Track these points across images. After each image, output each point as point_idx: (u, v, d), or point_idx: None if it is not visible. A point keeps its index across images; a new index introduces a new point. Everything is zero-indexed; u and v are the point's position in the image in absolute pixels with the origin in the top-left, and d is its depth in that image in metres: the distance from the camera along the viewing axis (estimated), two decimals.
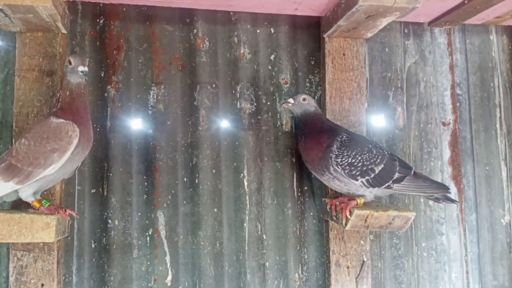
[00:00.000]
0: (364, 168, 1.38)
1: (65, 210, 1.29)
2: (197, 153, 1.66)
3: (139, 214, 1.61)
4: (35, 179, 1.20)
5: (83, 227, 1.56)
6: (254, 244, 1.66)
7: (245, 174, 1.68)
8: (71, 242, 1.53)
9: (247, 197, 1.67)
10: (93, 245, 1.56)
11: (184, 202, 1.64)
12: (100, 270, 1.56)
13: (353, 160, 1.38)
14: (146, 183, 1.62)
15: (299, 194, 1.71)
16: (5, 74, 1.56)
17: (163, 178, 1.63)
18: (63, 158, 1.21)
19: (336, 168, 1.38)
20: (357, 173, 1.38)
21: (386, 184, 1.41)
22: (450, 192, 1.55)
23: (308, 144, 1.44)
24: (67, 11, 1.50)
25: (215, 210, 1.65)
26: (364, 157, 1.39)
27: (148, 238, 1.60)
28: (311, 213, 1.71)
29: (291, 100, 1.49)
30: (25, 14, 1.32)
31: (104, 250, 1.56)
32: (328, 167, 1.39)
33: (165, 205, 1.62)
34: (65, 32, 1.49)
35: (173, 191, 1.63)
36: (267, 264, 1.66)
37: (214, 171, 1.67)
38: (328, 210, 1.51)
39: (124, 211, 1.59)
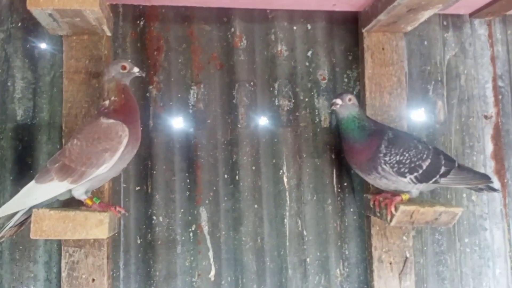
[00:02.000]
0: (412, 165, 1.37)
1: (115, 207, 1.33)
2: (236, 150, 1.68)
3: (182, 210, 1.64)
4: (88, 178, 1.25)
5: (129, 224, 1.60)
6: (295, 240, 1.67)
7: (285, 171, 1.69)
8: (118, 238, 1.58)
9: (287, 194, 1.68)
10: (138, 241, 1.61)
11: (225, 198, 1.66)
12: (146, 265, 1.60)
13: (401, 158, 1.36)
14: (188, 180, 1.66)
15: (339, 190, 1.71)
16: (52, 76, 1.62)
17: (205, 175, 1.66)
18: (114, 158, 1.25)
19: (384, 167, 1.37)
20: (406, 170, 1.36)
21: (434, 179, 1.40)
22: (492, 182, 1.53)
23: (356, 149, 1.41)
24: (111, 14, 1.54)
25: (256, 206, 1.67)
26: (412, 154, 1.38)
27: (191, 234, 1.64)
28: (351, 209, 1.70)
29: (338, 101, 1.41)
30: (72, 18, 1.36)
31: (149, 246, 1.61)
32: (376, 167, 1.38)
33: (207, 202, 1.65)
34: (110, 34, 1.53)
35: (214, 188, 1.66)
36: (308, 259, 1.67)
37: (253, 168, 1.68)
38: (372, 206, 1.51)
39: (167, 208, 1.63)
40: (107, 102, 1.32)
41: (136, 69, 1.36)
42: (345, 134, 1.45)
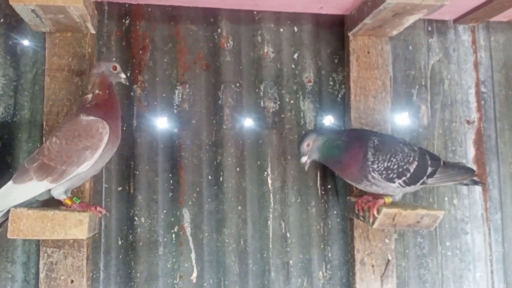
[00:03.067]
0: (400, 169, 1.37)
1: (96, 207, 1.31)
2: (221, 152, 1.67)
3: (165, 211, 1.62)
4: (69, 177, 1.22)
5: (110, 224, 1.58)
6: (278, 242, 1.66)
7: (269, 173, 1.69)
8: (98, 239, 1.55)
9: (271, 195, 1.68)
10: (119, 242, 1.58)
11: (209, 200, 1.65)
12: (127, 266, 1.58)
13: (389, 164, 1.36)
14: (171, 181, 1.64)
15: (323, 192, 1.71)
16: (34, 74, 1.59)
17: (188, 176, 1.65)
18: (95, 155, 1.23)
19: (374, 174, 1.36)
20: (394, 176, 1.37)
21: (421, 181, 1.41)
22: (476, 175, 1.57)
23: (344, 165, 1.40)
24: (95, 12, 1.52)
25: (240, 208, 1.66)
26: (399, 158, 1.37)
27: (173, 236, 1.62)
28: (335, 212, 1.71)
29: (303, 159, 1.42)
30: (56, 14, 1.34)
31: (131, 247, 1.59)
32: (366, 175, 1.37)
33: (190, 203, 1.64)
34: (94, 32, 1.51)
35: (198, 189, 1.65)
36: (291, 262, 1.66)
37: (238, 169, 1.68)
38: (356, 211, 1.51)
39: (150, 209, 1.61)
40: (89, 96, 1.30)
41: (123, 76, 1.37)
42: (327, 159, 1.44)
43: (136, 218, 1.60)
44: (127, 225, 1.60)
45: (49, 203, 1.35)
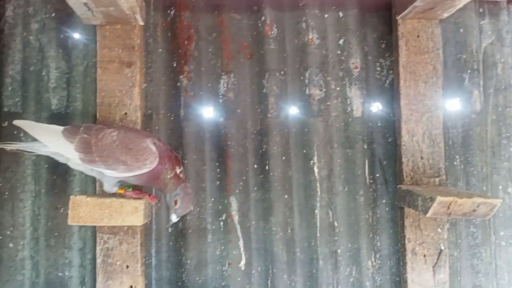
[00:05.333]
0: None
1: (150, 195, 1.34)
2: (266, 140, 1.67)
3: (213, 199, 1.64)
4: (93, 168, 1.26)
5: (161, 212, 1.61)
6: (326, 231, 1.65)
7: (315, 161, 1.67)
8: (150, 226, 1.59)
9: (318, 184, 1.66)
10: (169, 230, 1.62)
11: (255, 188, 1.66)
12: (177, 253, 1.61)
13: None
14: (218, 170, 1.66)
15: (371, 181, 1.68)
16: (85, 66, 1.63)
17: (235, 165, 1.66)
18: (122, 174, 1.25)
19: None
20: None
21: None
22: None
23: None
24: (143, 3, 1.54)
25: (286, 196, 1.66)
26: None
27: (221, 223, 1.64)
28: (384, 201, 1.67)
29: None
30: (107, 7, 1.37)
31: (181, 234, 1.62)
32: None
33: (237, 191, 1.65)
34: (142, 23, 1.53)
35: (244, 178, 1.66)
36: (339, 251, 1.65)
37: (283, 158, 1.67)
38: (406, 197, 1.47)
39: (198, 197, 1.63)
40: (173, 153, 1.32)
41: (174, 217, 1.29)
42: None
43: None
44: None
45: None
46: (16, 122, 1.35)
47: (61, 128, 1.30)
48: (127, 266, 1.43)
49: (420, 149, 1.59)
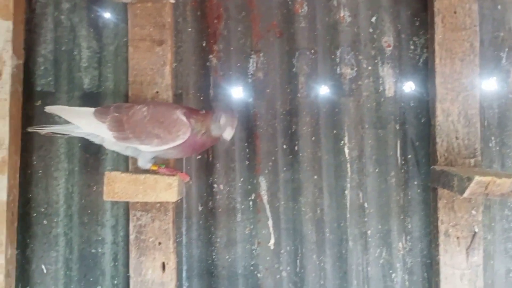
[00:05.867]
0: None
1: (183, 172, 1.34)
2: (296, 121, 1.65)
3: (242, 179, 1.64)
4: (127, 145, 1.28)
5: (191, 191, 1.62)
6: (356, 212, 1.64)
7: (346, 142, 1.65)
8: (180, 205, 1.61)
9: (348, 165, 1.64)
10: (200, 208, 1.63)
11: (284, 168, 1.65)
12: (207, 232, 1.62)
13: None
14: (247, 150, 1.65)
15: (403, 162, 1.65)
16: (116, 45, 1.64)
17: (264, 145, 1.65)
18: (157, 148, 1.26)
19: None
20: None
21: None
22: None
23: None
24: None
25: (315, 177, 1.64)
26: None
27: (251, 203, 1.64)
28: (415, 182, 1.64)
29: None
30: None
31: (210, 213, 1.63)
32: None
33: (266, 171, 1.64)
34: (173, 1, 1.52)
35: (273, 158, 1.65)
36: (369, 232, 1.63)
37: (313, 138, 1.65)
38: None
39: (228, 176, 1.64)
40: (203, 111, 1.32)
41: (229, 131, 1.28)
42: None
43: (215, 185, 1.63)
44: (207, 192, 1.63)
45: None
46: (48, 109, 1.36)
47: (92, 109, 1.32)
48: (160, 243, 1.45)
49: (455, 129, 1.55)
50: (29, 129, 1.39)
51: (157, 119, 1.25)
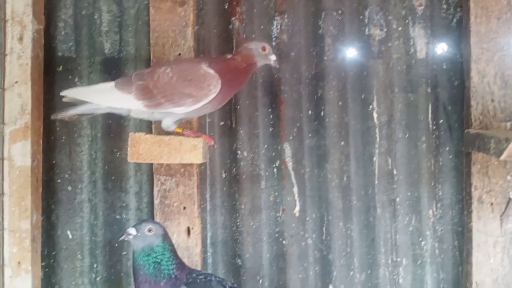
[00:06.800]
0: None
1: (207, 135, 1.31)
2: (322, 85, 1.60)
3: (266, 146, 1.60)
4: (162, 111, 1.23)
5: (214, 158, 1.59)
6: (384, 179, 1.59)
7: (374, 106, 1.59)
8: (204, 172, 1.58)
9: (377, 130, 1.59)
10: (223, 175, 1.60)
11: (310, 135, 1.60)
12: (231, 198, 1.60)
13: None
14: (271, 116, 1.61)
15: (434, 127, 1.58)
16: (136, 9, 1.60)
17: (288, 111, 1.60)
18: (193, 106, 1.21)
19: None
20: None
21: None
22: None
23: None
24: None
25: (342, 143, 1.59)
26: None
27: (275, 170, 1.60)
28: (447, 148, 1.58)
29: (132, 231, 1.11)
30: None
31: (234, 180, 1.60)
32: None
33: (291, 138, 1.60)
34: None
35: (298, 124, 1.60)
36: (397, 199, 1.58)
37: (340, 103, 1.60)
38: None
39: (251, 143, 1.60)
40: (228, 56, 1.28)
41: (273, 57, 1.26)
42: (135, 270, 1.14)
43: (238, 152, 1.60)
44: (230, 158, 1.60)
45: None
46: (65, 93, 1.28)
47: (111, 83, 1.26)
48: (184, 208, 1.43)
49: (491, 91, 1.47)
50: (53, 117, 1.34)
51: (184, 78, 1.21)
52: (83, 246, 1.56)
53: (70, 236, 1.56)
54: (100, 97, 1.24)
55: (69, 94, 1.27)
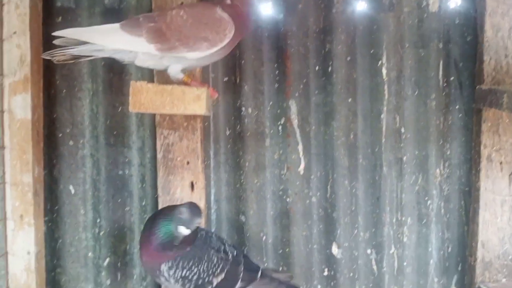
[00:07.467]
0: (200, 282, 1.18)
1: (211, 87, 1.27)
2: (330, 39, 1.54)
3: (271, 103, 1.57)
4: (175, 55, 1.17)
5: (218, 114, 1.56)
6: (392, 137, 1.55)
7: (384, 62, 1.54)
8: (208, 128, 1.55)
9: (386, 87, 1.54)
10: (227, 132, 1.57)
11: (316, 91, 1.56)
12: (235, 156, 1.57)
13: (188, 273, 1.16)
14: (277, 72, 1.56)
15: (445, 84, 1.54)
16: None
17: (295, 66, 1.55)
18: (208, 51, 1.16)
19: (170, 280, 1.17)
20: (192, 287, 1.18)
21: None
22: None
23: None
24: None
25: (349, 100, 1.55)
26: (202, 269, 1.17)
27: (280, 127, 1.57)
28: (457, 106, 1.54)
29: (186, 232, 1.12)
30: None
31: (239, 137, 1.57)
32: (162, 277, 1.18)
33: (297, 94, 1.56)
34: None
35: (305, 80, 1.56)
36: (404, 158, 1.56)
37: (348, 58, 1.55)
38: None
39: (256, 100, 1.56)
40: (228, 1, 1.22)
41: None
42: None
43: (243, 108, 1.56)
44: (234, 115, 1.57)
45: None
46: (59, 33, 1.16)
47: (116, 25, 1.19)
48: (188, 162, 1.41)
49: (505, 45, 1.42)
50: (45, 55, 1.21)
51: (200, 21, 1.16)
52: (86, 201, 1.55)
53: (73, 191, 1.55)
54: (104, 39, 1.16)
55: (69, 34, 1.17)
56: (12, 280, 1.43)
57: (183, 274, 1.16)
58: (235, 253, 1.25)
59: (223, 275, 1.21)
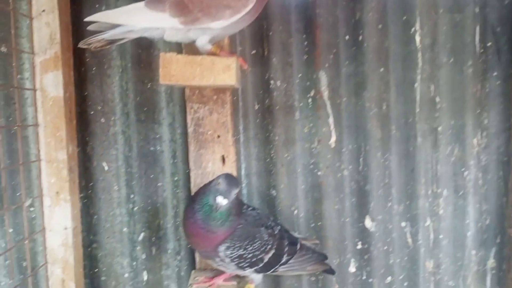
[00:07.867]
0: (254, 260, 1.23)
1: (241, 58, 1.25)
2: (360, 7, 1.49)
3: (300, 75, 1.54)
4: (199, 26, 1.16)
5: (246, 88, 1.54)
6: (426, 107, 1.51)
7: (417, 29, 1.48)
8: (236, 103, 1.54)
9: (419, 55, 1.49)
10: (256, 106, 1.55)
11: (347, 62, 1.52)
12: (264, 130, 1.56)
13: (244, 252, 1.20)
14: (306, 42, 1.53)
15: (482, 50, 1.48)
16: None
17: (324, 36, 1.52)
18: (231, 19, 1.14)
19: (226, 259, 1.21)
20: (246, 265, 1.23)
21: (273, 269, 1.27)
22: (327, 266, 1.39)
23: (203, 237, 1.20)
24: None
25: (382, 69, 1.51)
26: (255, 247, 1.22)
27: (310, 100, 1.54)
28: (495, 73, 1.48)
29: (223, 202, 1.13)
30: None
31: (268, 111, 1.55)
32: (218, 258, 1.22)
33: (326, 65, 1.52)
34: None
35: (334, 50, 1.52)
36: (440, 128, 1.51)
37: (380, 26, 1.50)
38: None
39: (285, 72, 1.53)
40: None
41: None
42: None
43: (271, 81, 1.54)
44: (263, 89, 1.54)
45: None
46: (91, 18, 1.19)
47: (141, 3, 1.20)
48: (218, 136, 1.40)
49: None
50: (81, 44, 1.23)
51: None
52: (119, 177, 1.57)
53: (106, 168, 1.57)
54: (133, 18, 1.17)
55: (97, 18, 1.19)
56: (50, 255, 1.47)
57: (239, 254, 1.20)
58: (279, 228, 1.29)
59: (273, 251, 1.25)
